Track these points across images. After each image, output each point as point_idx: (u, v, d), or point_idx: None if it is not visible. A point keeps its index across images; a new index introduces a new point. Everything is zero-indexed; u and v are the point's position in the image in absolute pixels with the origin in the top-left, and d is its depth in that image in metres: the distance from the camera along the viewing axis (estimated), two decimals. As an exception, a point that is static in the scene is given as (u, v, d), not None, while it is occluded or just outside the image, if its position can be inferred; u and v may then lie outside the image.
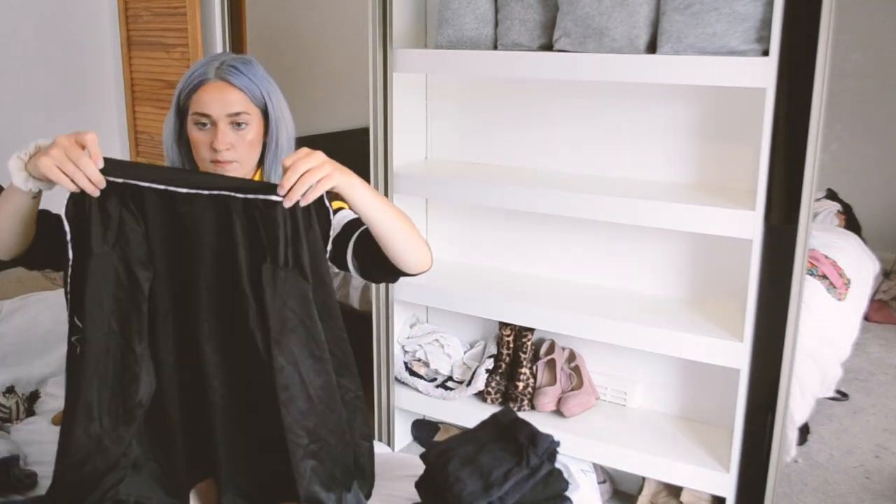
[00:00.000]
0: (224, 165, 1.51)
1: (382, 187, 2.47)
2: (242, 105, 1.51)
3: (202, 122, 1.50)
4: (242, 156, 1.53)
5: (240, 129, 1.51)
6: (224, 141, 1.49)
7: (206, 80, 1.49)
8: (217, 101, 1.49)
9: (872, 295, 3.61)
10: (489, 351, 2.59)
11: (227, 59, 1.53)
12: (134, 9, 2.99)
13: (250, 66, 1.54)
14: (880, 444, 2.84)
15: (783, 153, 1.94)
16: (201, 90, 1.49)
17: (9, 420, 2.00)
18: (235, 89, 1.50)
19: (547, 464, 1.46)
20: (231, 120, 1.50)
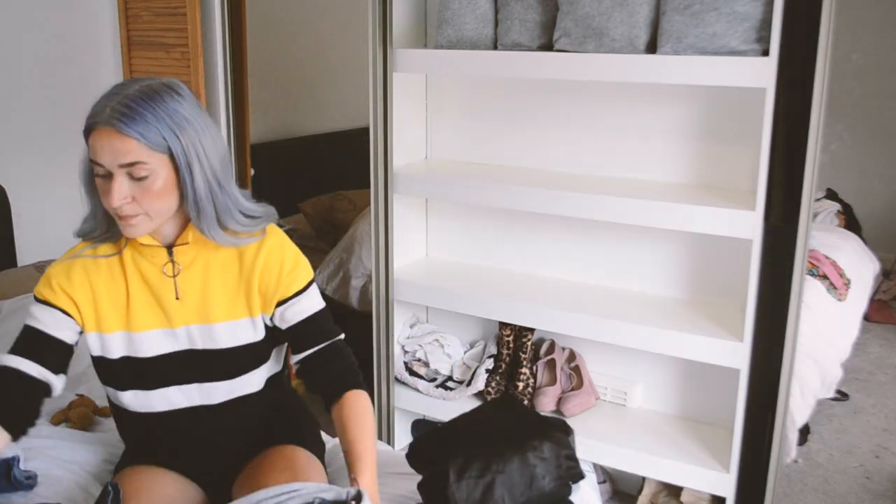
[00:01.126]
0: (128, 220, 1.33)
1: (382, 187, 2.47)
2: (137, 154, 1.28)
3: (99, 173, 1.31)
4: (149, 208, 1.33)
5: (141, 181, 1.30)
6: (119, 196, 1.29)
7: (97, 122, 1.28)
8: (107, 150, 1.28)
9: (872, 295, 3.61)
10: (489, 351, 2.59)
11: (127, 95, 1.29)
12: (134, 9, 2.99)
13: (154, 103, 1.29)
14: (880, 444, 2.84)
15: (783, 153, 1.94)
16: (93, 135, 1.29)
17: (9, 420, 2.00)
18: (125, 137, 1.27)
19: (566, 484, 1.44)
20: (126, 171, 1.29)
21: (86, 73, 3.07)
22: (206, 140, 1.35)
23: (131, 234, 1.37)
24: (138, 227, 1.35)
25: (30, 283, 2.51)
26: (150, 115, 1.28)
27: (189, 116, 1.33)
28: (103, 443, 1.91)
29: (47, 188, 3.00)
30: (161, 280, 1.44)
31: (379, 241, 2.52)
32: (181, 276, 1.45)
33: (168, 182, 1.33)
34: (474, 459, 1.35)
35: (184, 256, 1.44)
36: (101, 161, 1.29)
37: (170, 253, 1.44)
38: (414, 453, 1.48)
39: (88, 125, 1.30)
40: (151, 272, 1.44)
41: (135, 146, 1.28)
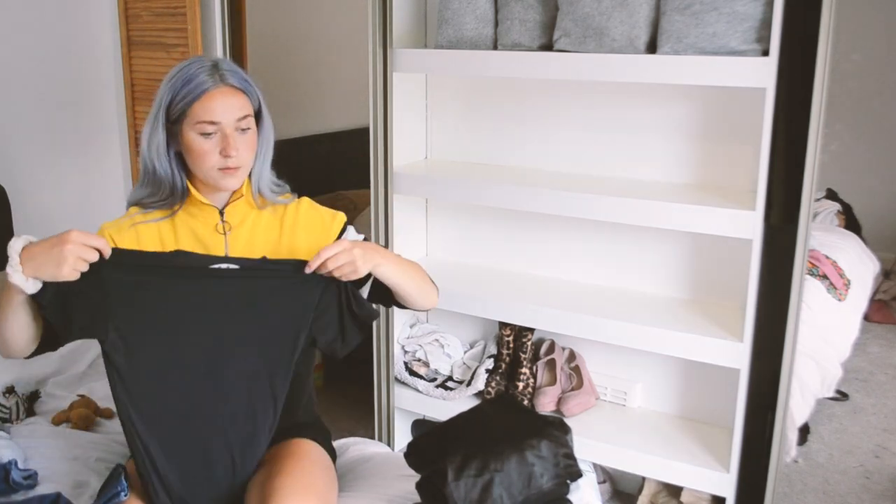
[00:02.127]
0: (233, 172, 1.50)
1: (382, 187, 2.47)
2: (247, 108, 1.50)
3: (208, 132, 1.47)
4: (246, 159, 1.52)
5: (244, 133, 1.50)
6: (235, 146, 1.47)
7: (208, 87, 1.46)
8: (226, 107, 1.46)
9: (872, 295, 3.61)
10: (489, 351, 2.59)
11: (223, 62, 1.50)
12: (134, 9, 2.99)
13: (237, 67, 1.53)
14: (880, 444, 2.84)
15: (783, 153, 1.94)
16: (205, 98, 1.45)
17: (9, 420, 2.00)
18: (240, 93, 1.49)
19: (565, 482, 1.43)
20: (238, 126, 1.48)
21: (86, 73, 3.07)
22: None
23: (232, 186, 1.52)
24: (237, 178, 1.51)
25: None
26: (247, 76, 1.52)
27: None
28: (104, 443, 1.91)
29: (47, 188, 3.00)
30: (213, 237, 1.56)
31: (379, 241, 2.52)
32: (231, 235, 1.57)
33: (256, 137, 1.54)
34: (472, 458, 1.35)
35: (233, 217, 1.58)
36: (218, 119, 1.46)
37: (221, 213, 1.57)
38: (412, 453, 1.48)
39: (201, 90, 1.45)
40: (204, 231, 1.56)
41: (246, 101, 1.50)
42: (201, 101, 1.45)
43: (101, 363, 2.29)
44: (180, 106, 1.46)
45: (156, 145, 1.51)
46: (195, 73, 1.46)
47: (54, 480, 1.73)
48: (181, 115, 1.47)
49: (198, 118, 1.46)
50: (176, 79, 1.48)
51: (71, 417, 2.01)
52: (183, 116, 1.47)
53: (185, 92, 1.46)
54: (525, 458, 1.36)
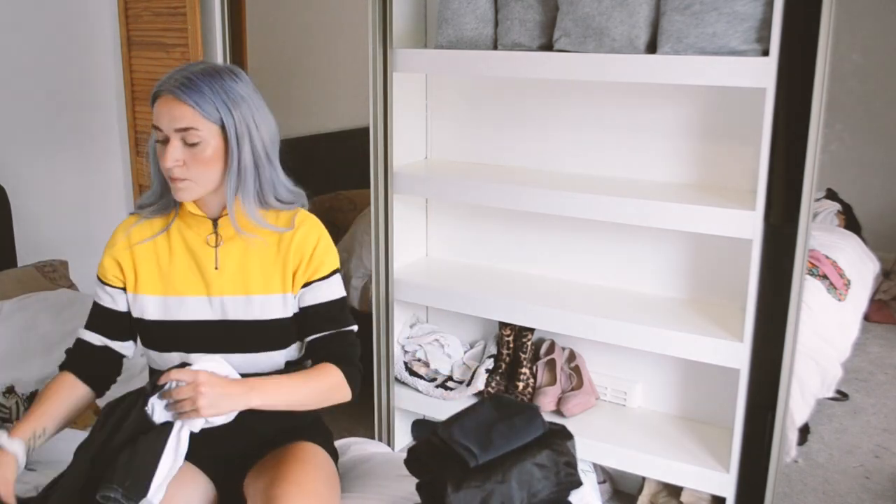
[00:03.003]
0: (176, 183, 1.47)
1: (382, 187, 2.47)
2: (190, 121, 1.44)
3: (158, 138, 1.48)
4: (196, 174, 1.47)
5: (192, 147, 1.45)
6: (172, 157, 1.44)
7: (160, 92, 1.47)
8: (165, 115, 1.45)
9: (872, 295, 3.61)
10: (489, 351, 2.59)
11: (190, 70, 1.46)
12: (134, 9, 2.99)
13: (213, 80, 1.45)
14: (880, 444, 2.84)
15: (783, 153, 1.94)
16: (156, 102, 1.47)
17: (9, 420, 2.00)
18: (182, 104, 1.43)
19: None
20: (181, 136, 1.45)
21: (86, 73, 3.07)
22: (258, 117, 1.49)
23: (180, 198, 1.50)
24: (186, 192, 1.48)
25: (30, 283, 2.51)
26: (206, 89, 1.44)
27: (244, 95, 1.48)
28: (103, 443, 1.91)
29: (47, 188, 3.00)
30: (203, 249, 1.55)
31: (379, 241, 2.52)
32: (222, 248, 1.55)
33: (217, 152, 1.47)
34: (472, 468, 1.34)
35: (227, 230, 1.55)
36: (160, 125, 1.46)
37: (214, 225, 1.55)
38: (412, 460, 1.48)
39: (154, 94, 1.47)
40: (195, 242, 1.56)
41: (190, 113, 1.44)
42: (155, 105, 1.48)
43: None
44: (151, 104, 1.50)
45: (151, 147, 1.54)
46: (166, 76, 1.48)
47: (54, 480, 1.72)
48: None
49: (152, 121, 1.49)
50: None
51: (71, 417, 2.00)
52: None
53: (152, 92, 1.49)
54: (526, 468, 1.36)
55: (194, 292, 1.54)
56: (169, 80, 1.45)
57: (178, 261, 1.56)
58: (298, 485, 1.45)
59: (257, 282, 1.54)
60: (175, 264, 1.56)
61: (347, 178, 3.84)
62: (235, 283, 1.54)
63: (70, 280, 2.70)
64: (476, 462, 1.33)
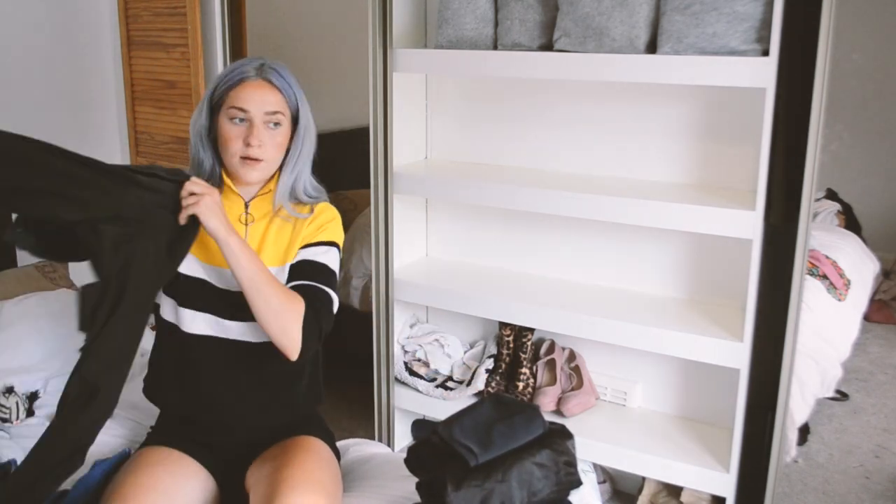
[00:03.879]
0: (253, 164, 1.55)
1: (382, 187, 2.47)
2: (279, 105, 1.56)
3: (238, 118, 1.54)
4: (270, 155, 1.57)
5: (273, 128, 1.56)
6: (258, 137, 1.53)
7: (247, 77, 1.55)
8: (257, 98, 1.54)
9: (872, 295, 3.61)
10: (489, 351, 2.59)
11: (266, 61, 1.58)
12: (134, 9, 2.99)
13: (288, 72, 1.60)
14: (880, 444, 2.84)
15: (783, 153, 1.94)
16: (241, 86, 1.54)
17: (9, 420, 2.00)
18: (275, 89, 1.56)
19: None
20: (267, 119, 1.55)
21: (86, 73, 3.07)
22: (311, 117, 1.64)
23: (251, 178, 1.57)
24: (258, 172, 1.57)
25: (30, 283, 2.51)
26: (289, 80, 1.59)
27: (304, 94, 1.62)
28: (104, 443, 1.91)
29: (47, 188, 3.00)
30: (236, 226, 1.60)
31: (379, 241, 2.52)
32: (252, 227, 1.63)
33: (285, 138, 1.59)
34: (473, 469, 1.34)
35: (257, 210, 1.64)
36: (247, 107, 1.53)
37: (246, 206, 1.63)
38: (412, 459, 1.48)
39: (239, 78, 1.55)
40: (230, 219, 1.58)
41: (279, 98, 1.56)
42: (236, 89, 1.54)
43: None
44: (220, 91, 1.56)
45: (198, 129, 1.60)
46: (241, 65, 1.57)
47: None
48: (220, 100, 1.56)
49: (231, 103, 1.54)
50: (226, 70, 1.59)
51: (71, 417, 2.00)
52: (221, 102, 1.56)
53: (227, 79, 1.56)
54: (525, 468, 1.36)
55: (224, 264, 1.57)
56: (250, 69, 1.55)
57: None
58: (304, 471, 1.48)
59: (270, 256, 1.61)
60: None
61: (347, 178, 3.84)
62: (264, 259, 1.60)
63: (70, 280, 2.70)
64: (476, 461, 1.33)
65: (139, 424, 2.01)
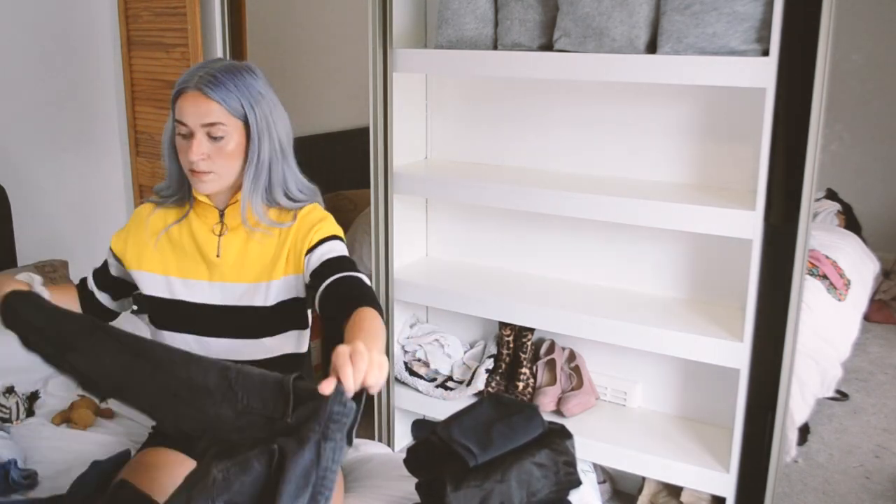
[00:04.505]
0: (200, 176, 1.52)
1: (382, 187, 2.47)
2: (217, 116, 1.49)
3: (181, 132, 1.51)
4: (219, 167, 1.52)
5: (217, 140, 1.50)
6: (198, 151, 1.49)
7: (185, 88, 1.50)
8: (192, 111, 1.49)
9: (872, 295, 3.61)
10: (489, 351, 2.59)
11: (213, 67, 1.51)
12: (134, 9, 2.99)
13: (235, 76, 1.50)
14: (880, 444, 2.84)
15: (783, 153, 1.93)
16: (180, 98, 1.51)
17: (9, 420, 2.00)
18: (209, 100, 1.48)
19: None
20: (206, 130, 1.49)
21: (86, 73, 3.07)
22: (275, 114, 1.56)
23: (202, 190, 1.54)
24: (209, 184, 1.53)
25: (30, 283, 2.50)
26: (231, 85, 1.50)
27: (263, 92, 1.54)
28: (104, 443, 1.91)
29: (47, 188, 3.00)
30: (208, 237, 1.60)
31: (379, 241, 2.52)
32: (225, 237, 1.59)
33: (239, 146, 1.52)
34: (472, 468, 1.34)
35: (232, 220, 1.60)
36: (185, 121, 1.49)
37: (221, 215, 1.60)
38: (412, 459, 1.48)
39: (178, 90, 1.50)
40: (201, 229, 1.61)
41: (216, 108, 1.48)
42: (178, 101, 1.51)
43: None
44: (172, 100, 1.54)
45: (165, 137, 1.58)
46: (188, 73, 1.52)
47: (54, 480, 1.73)
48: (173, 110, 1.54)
49: (175, 116, 1.52)
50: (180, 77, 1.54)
51: (71, 417, 2.01)
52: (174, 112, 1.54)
53: (174, 89, 1.52)
54: (525, 467, 1.36)
55: (196, 276, 1.60)
56: (193, 77, 1.50)
57: (185, 245, 1.62)
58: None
59: (253, 270, 1.58)
60: (181, 249, 1.62)
61: (347, 178, 3.84)
62: (234, 270, 1.59)
63: (70, 280, 2.70)
64: (475, 461, 1.33)
65: (139, 425, 2.01)
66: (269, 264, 1.58)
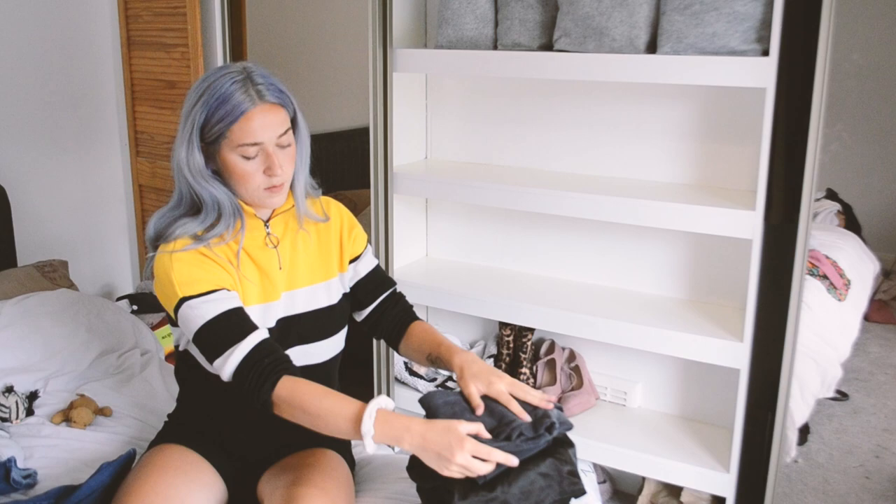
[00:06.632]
0: (279, 189, 1.44)
1: (382, 187, 2.47)
2: (286, 122, 1.43)
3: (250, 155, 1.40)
4: (288, 174, 1.46)
5: (286, 148, 1.44)
6: (278, 164, 1.41)
7: (248, 108, 1.37)
8: (267, 126, 1.39)
9: (872, 295, 3.61)
10: (489, 351, 2.59)
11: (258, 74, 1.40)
12: (134, 9, 2.99)
13: (273, 76, 1.44)
14: (880, 444, 2.84)
15: (783, 153, 1.94)
16: (245, 119, 1.37)
17: (9, 420, 2.01)
18: (278, 108, 1.41)
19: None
20: (279, 141, 1.42)
21: (86, 73, 3.07)
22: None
23: (278, 203, 1.47)
24: (283, 194, 1.47)
25: (30, 284, 2.51)
26: (281, 86, 1.43)
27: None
28: (104, 442, 1.91)
29: (47, 188, 3.00)
30: (264, 253, 1.52)
31: (379, 241, 2.52)
32: (281, 247, 1.54)
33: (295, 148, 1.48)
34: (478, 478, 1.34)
35: (276, 228, 1.55)
36: (260, 139, 1.39)
37: (266, 226, 1.53)
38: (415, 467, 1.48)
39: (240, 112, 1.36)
40: (252, 247, 1.51)
41: (284, 115, 1.42)
42: (240, 123, 1.37)
43: (102, 363, 2.30)
44: (218, 128, 1.38)
45: (196, 169, 1.42)
46: (230, 92, 1.37)
47: (54, 479, 1.73)
48: (219, 136, 1.39)
49: (239, 141, 1.38)
50: (208, 96, 1.38)
51: (71, 416, 2.01)
52: (221, 138, 1.39)
53: (223, 113, 1.37)
54: (530, 478, 1.36)
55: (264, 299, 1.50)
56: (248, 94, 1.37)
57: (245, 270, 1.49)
58: (321, 489, 1.46)
59: (306, 274, 1.57)
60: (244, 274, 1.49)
61: (347, 178, 3.85)
62: (297, 277, 1.55)
63: (70, 280, 2.70)
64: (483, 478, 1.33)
65: (145, 424, 2.01)
66: (322, 264, 1.59)
